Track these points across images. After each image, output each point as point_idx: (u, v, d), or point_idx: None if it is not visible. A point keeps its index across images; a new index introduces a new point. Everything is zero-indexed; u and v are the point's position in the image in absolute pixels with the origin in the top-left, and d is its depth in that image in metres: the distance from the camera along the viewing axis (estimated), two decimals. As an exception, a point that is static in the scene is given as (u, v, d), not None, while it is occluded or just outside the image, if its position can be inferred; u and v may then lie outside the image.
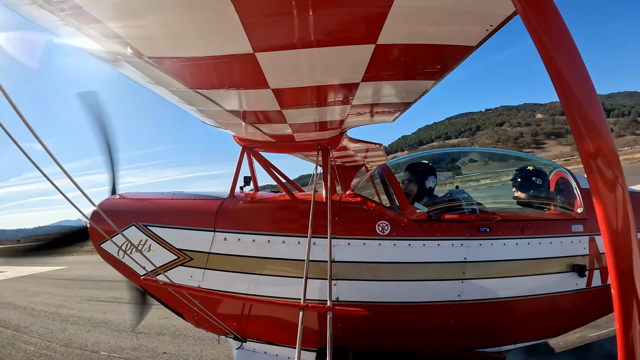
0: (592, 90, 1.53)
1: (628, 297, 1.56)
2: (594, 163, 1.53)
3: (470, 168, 7.14)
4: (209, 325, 4.65)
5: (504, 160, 6.87)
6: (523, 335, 4.72)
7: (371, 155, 9.66)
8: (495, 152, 13.37)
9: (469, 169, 7.14)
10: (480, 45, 2.16)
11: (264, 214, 4.69)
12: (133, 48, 2.01)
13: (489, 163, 7.21)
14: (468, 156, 7.88)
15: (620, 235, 1.55)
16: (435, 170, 5.14)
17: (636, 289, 1.56)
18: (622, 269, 1.56)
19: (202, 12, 1.68)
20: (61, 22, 1.75)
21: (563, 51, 1.49)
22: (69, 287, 15.73)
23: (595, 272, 4.55)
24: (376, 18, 1.81)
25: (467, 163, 7.20)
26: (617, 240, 1.55)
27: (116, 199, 5.05)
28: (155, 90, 2.90)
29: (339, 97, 3.09)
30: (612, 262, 1.56)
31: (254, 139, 4.90)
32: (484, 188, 6.81)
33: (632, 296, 1.56)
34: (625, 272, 1.56)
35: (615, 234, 1.55)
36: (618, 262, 1.56)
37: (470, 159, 7.47)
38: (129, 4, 1.60)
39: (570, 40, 1.49)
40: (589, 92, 1.52)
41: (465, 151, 9.25)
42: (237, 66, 2.34)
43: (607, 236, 1.56)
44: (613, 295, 1.58)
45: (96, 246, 4.77)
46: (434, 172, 5.09)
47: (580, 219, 4.62)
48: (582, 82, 1.51)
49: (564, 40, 1.49)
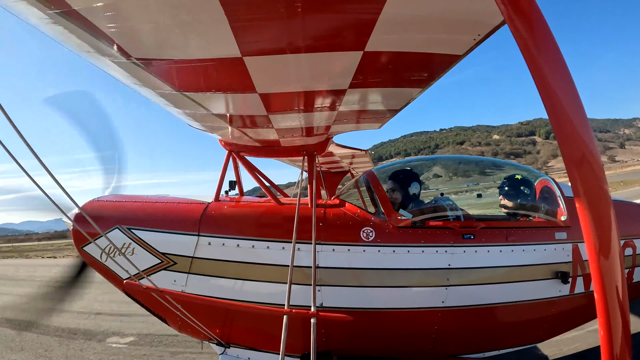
0: (577, 98, 1.55)
1: (611, 303, 1.58)
2: (578, 171, 1.56)
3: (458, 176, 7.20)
4: (192, 330, 4.59)
5: (493, 167, 6.92)
6: (507, 342, 4.75)
7: (357, 162, 9.70)
8: (484, 159, 13.48)
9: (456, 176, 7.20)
10: (467, 54, 2.18)
11: (249, 219, 4.66)
12: (121, 49, 1.99)
13: (475, 170, 7.27)
14: (455, 163, 7.95)
15: (604, 242, 1.57)
16: (418, 176, 5.18)
17: (619, 296, 1.58)
18: (605, 276, 1.58)
19: (191, 15, 1.68)
20: (50, 20, 1.72)
21: (550, 60, 1.52)
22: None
23: (579, 279, 4.61)
24: (365, 25, 1.82)
25: (454, 170, 7.26)
26: (601, 247, 1.57)
27: (99, 201, 4.97)
28: (141, 92, 2.87)
29: (326, 103, 3.10)
30: (596, 269, 1.58)
31: (240, 143, 4.88)
32: (470, 195, 6.87)
33: (616, 302, 1.58)
34: (609, 279, 1.58)
35: (599, 241, 1.57)
36: (602, 269, 1.58)
37: (460, 166, 7.53)
38: (119, 5, 1.58)
39: (557, 49, 1.52)
40: (573, 100, 1.54)
41: (453, 158, 9.34)
42: (225, 70, 2.34)
43: (590, 243, 1.58)
44: (596, 302, 1.60)
45: (79, 249, 4.68)
46: (417, 178, 5.12)
47: (564, 226, 4.68)
48: (567, 91, 1.53)
49: (551, 49, 1.51)
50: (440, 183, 7.04)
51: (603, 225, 1.56)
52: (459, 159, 9.37)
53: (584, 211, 1.57)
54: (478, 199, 6.40)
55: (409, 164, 5.80)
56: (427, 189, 6.55)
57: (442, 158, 8.67)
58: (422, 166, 6.37)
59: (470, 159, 9.38)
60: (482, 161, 12.10)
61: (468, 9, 1.77)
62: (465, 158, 8.84)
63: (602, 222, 1.56)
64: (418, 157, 8.72)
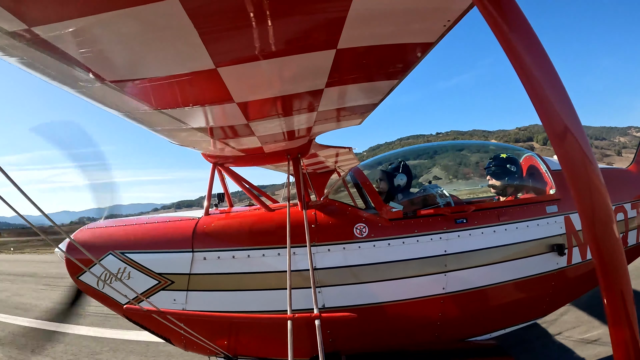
0: (553, 72, 1.56)
1: (611, 269, 1.60)
2: (562, 143, 1.57)
3: (445, 162, 7.27)
4: (198, 347, 4.56)
5: (476, 150, 7.01)
6: (512, 320, 4.79)
7: (342, 160, 9.70)
8: (465, 143, 13.58)
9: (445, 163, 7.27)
10: (439, 41, 2.19)
11: (241, 229, 4.64)
12: (94, 73, 1.96)
13: (461, 155, 7.34)
14: (442, 150, 8.01)
15: (597, 210, 1.59)
16: (406, 167, 5.21)
17: (618, 260, 1.60)
18: (602, 243, 1.60)
19: (161, 32, 1.66)
20: (18, 52, 1.70)
21: (522, 36, 1.53)
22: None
23: (575, 249, 4.67)
24: (335, 23, 1.82)
25: (441, 158, 7.32)
26: (594, 215, 1.59)
27: (90, 229, 4.91)
28: (118, 114, 2.84)
29: (305, 105, 3.09)
30: (592, 237, 1.60)
31: (224, 154, 4.86)
32: (458, 179, 6.96)
33: (616, 267, 1.60)
34: (606, 245, 1.60)
35: (592, 210, 1.59)
36: (598, 237, 1.59)
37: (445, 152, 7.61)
38: (87, 29, 1.56)
39: (527, 24, 1.53)
40: (550, 74, 1.55)
41: (435, 146, 9.40)
42: (200, 83, 2.32)
43: (584, 213, 1.60)
44: (597, 269, 1.62)
45: (74, 279, 4.61)
46: (404, 169, 5.15)
47: (554, 199, 4.74)
48: (542, 65, 1.54)
49: (522, 24, 1.53)
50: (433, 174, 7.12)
51: (594, 194, 1.58)
52: (444, 147, 9.43)
53: (573, 181, 1.59)
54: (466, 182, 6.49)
55: (394, 155, 5.83)
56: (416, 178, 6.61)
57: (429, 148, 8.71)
58: (408, 157, 6.41)
59: (455, 145, 9.45)
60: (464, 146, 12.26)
61: None
62: (449, 145, 8.92)
63: (593, 191, 1.58)
64: (403, 149, 8.90)
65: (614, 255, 1.60)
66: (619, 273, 1.60)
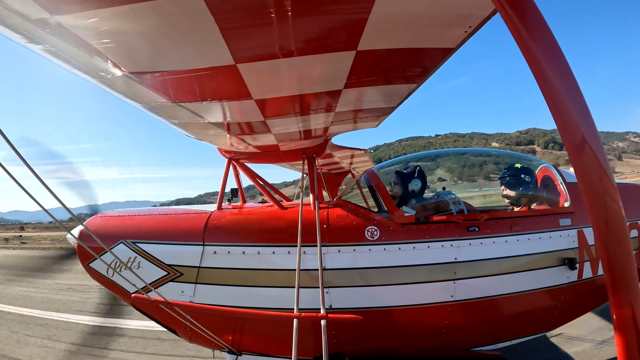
0: (574, 83, 1.53)
1: (622, 286, 1.57)
2: (580, 156, 1.54)
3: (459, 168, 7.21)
4: (203, 339, 4.60)
5: (492, 159, 6.93)
6: (518, 331, 4.73)
7: (356, 161, 9.68)
8: (481, 151, 13.46)
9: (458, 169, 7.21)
10: (460, 47, 2.18)
11: (253, 226, 4.66)
12: (114, 64, 1.99)
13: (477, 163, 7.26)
14: (457, 157, 7.94)
15: (611, 226, 1.55)
16: (421, 172, 5.17)
17: (630, 278, 1.57)
18: (614, 260, 1.57)
19: (182, 26, 1.68)
20: (41, 40, 1.73)
21: (544, 45, 1.50)
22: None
23: (586, 264, 4.58)
24: (356, 24, 1.82)
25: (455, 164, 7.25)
26: (608, 231, 1.55)
27: (103, 217, 4.98)
28: (136, 105, 2.87)
29: (322, 104, 3.10)
30: (605, 253, 1.57)
31: (239, 150, 4.89)
32: (472, 187, 6.88)
33: (627, 285, 1.57)
34: (618, 262, 1.57)
35: (606, 225, 1.55)
36: (610, 253, 1.56)
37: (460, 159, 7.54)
38: (108, 20, 1.58)
39: (550, 34, 1.50)
40: (571, 85, 1.52)
41: (452, 152, 9.33)
42: (219, 78, 2.34)
43: (597, 228, 1.57)
44: (607, 285, 1.59)
45: (85, 265, 4.69)
46: (419, 174, 5.11)
47: (568, 212, 4.66)
48: (563, 75, 1.51)
49: (544, 33, 1.50)
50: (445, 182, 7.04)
51: (609, 209, 1.55)
52: (462, 153, 9.34)
53: (588, 193, 1.56)
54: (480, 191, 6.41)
55: (410, 160, 5.79)
56: (430, 185, 6.57)
57: (444, 153, 8.63)
58: (424, 162, 6.36)
59: (475, 152, 9.35)
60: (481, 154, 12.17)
61: (457, 2, 1.77)
62: (467, 151, 8.82)
63: (608, 203, 1.55)
64: (419, 154, 8.90)
65: (626, 271, 1.57)
66: (630, 289, 1.56)
